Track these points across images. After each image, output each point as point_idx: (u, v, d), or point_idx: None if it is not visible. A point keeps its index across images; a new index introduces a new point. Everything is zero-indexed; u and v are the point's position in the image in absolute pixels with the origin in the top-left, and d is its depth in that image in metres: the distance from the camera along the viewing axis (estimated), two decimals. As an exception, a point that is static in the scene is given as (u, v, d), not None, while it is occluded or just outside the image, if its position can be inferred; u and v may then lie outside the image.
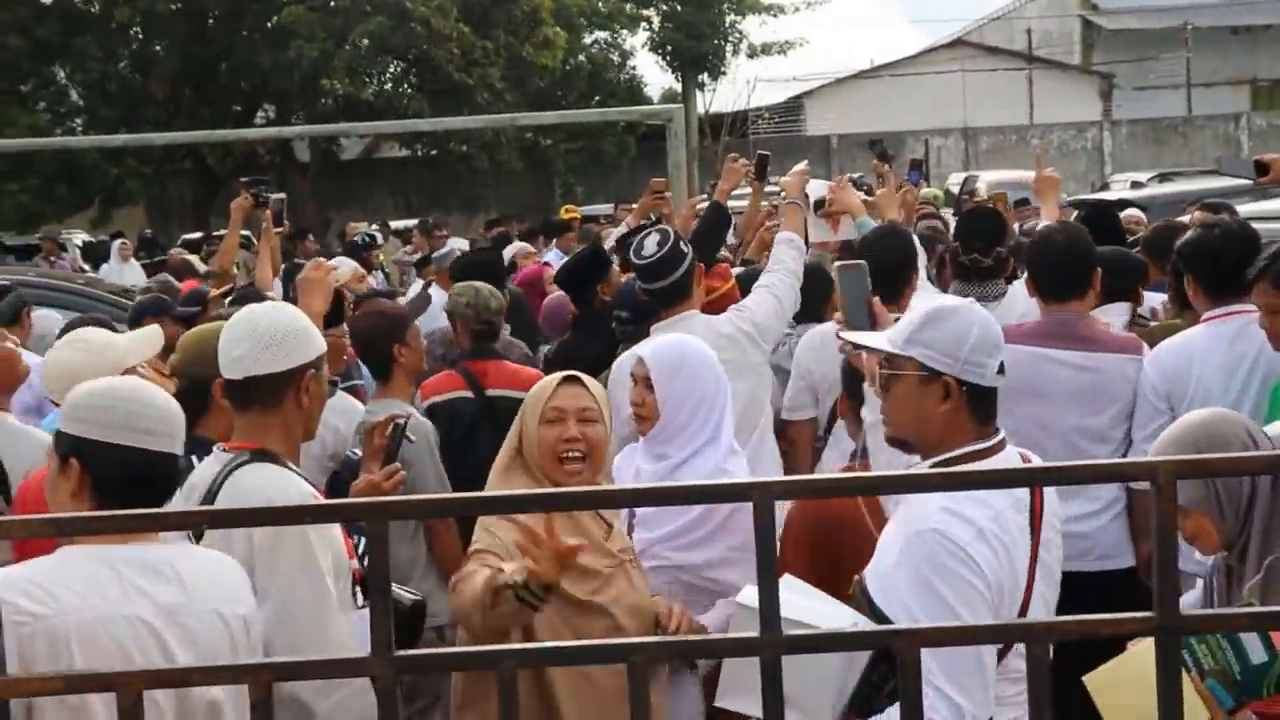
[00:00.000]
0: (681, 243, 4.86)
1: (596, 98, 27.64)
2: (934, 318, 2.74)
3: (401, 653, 1.73)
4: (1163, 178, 16.91)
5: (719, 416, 3.68)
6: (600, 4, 29.02)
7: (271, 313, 3.15)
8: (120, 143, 21.04)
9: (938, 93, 34.23)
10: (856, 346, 3.18)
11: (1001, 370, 2.76)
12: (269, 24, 24.23)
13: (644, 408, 3.64)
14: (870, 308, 3.24)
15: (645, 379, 3.64)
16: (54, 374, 4.07)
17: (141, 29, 25.60)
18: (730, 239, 7.39)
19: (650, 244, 4.82)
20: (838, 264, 3.61)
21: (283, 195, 7.77)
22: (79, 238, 22.20)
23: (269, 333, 3.00)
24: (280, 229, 7.47)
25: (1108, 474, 3.00)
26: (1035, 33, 38.76)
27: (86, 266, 18.72)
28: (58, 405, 3.75)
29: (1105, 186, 21.56)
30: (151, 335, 4.51)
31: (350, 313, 5.18)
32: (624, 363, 4.34)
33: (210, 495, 2.96)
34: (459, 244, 13.19)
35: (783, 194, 5.86)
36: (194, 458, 3.25)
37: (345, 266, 7.49)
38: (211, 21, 25.30)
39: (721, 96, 41.49)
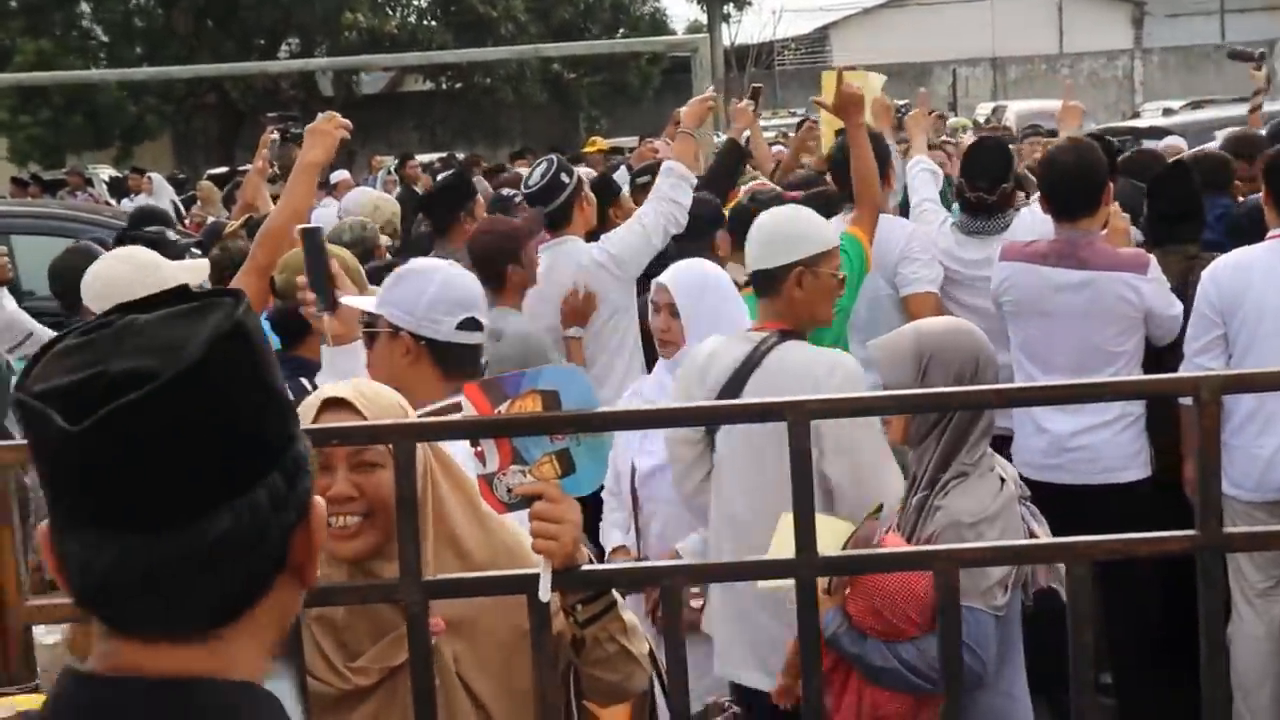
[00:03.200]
0: (563, 173, 5.29)
1: (620, 30, 27.38)
2: (398, 277, 2.87)
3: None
4: (1194, 105, 16.70)
5: None
6: (625, -66, 28.70)
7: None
8: (143, 76, 20.98)
9: (966, 22, 33.75)
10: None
11: (472, 326, 2.81)
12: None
13: (669, 333, 3.66)
14: (328, 271, 2.98)
15: (670, 305, 3.65)
16: (98, 285, 4.02)
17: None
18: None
19: (536, 173, 5.35)
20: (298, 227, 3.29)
21: (276, 137, 7.69)
22: (105, 173, 22.20)
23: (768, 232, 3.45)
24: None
25: (1150, 389, 2.94)
26: (1067, -40, 38.14)
27: (112, 201, 18.77)
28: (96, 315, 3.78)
29: (1136, 115, 21.31)
30: (199, 267, 4.50)
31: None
32: None
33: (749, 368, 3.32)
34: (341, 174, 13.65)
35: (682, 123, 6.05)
36: (301, 379, 3.39)
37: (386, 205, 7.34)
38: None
39: (747, 28, 41.12)
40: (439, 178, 8.59)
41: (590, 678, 2.20)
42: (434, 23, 25.52)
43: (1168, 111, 15.74)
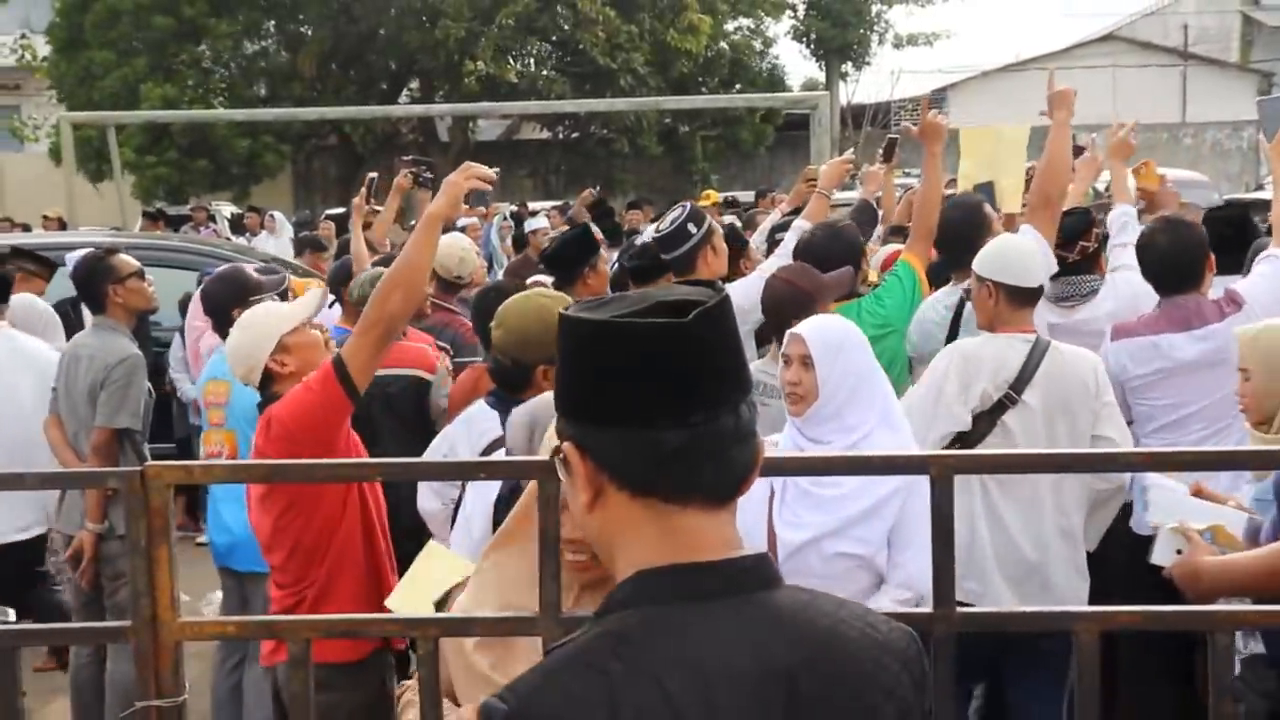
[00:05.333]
0: (691, 223, 5.44)
1: (737, 85, 27.48)
2: None
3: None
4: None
5: (884, 400, 3.58)
6: (745, -11, 28.84)
7: None
8: (268, 117, 21.53)
9: (1087, 88, 33.27)
10: None
11: None
12: (418, 3, 24.44)
13: (800, 386, 3.55)
14: None
15: (803, 357, 3.56)
16: (229, 359, 4.15)
17: (290, 8, 26.00)
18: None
19: (668, 219, 5.57)
20: None
21: (374, 175, 7.78)
22: (228, 210, 22.74)
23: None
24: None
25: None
26: (1193, 29, 37.60)
27: (232, 236, 19.21)
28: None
29: (1260, 187, 20.92)
30: (309, 300, 4.57)
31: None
32: None
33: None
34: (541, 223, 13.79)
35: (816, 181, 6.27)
36: None
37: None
38: (358, 0, 25.59)
39: (864, 87, 41.13)
40: (558, 233, 8.66)
41: None
42: (553, 73, 25.79)
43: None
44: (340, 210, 22.42)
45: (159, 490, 2.41)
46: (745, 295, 5.25)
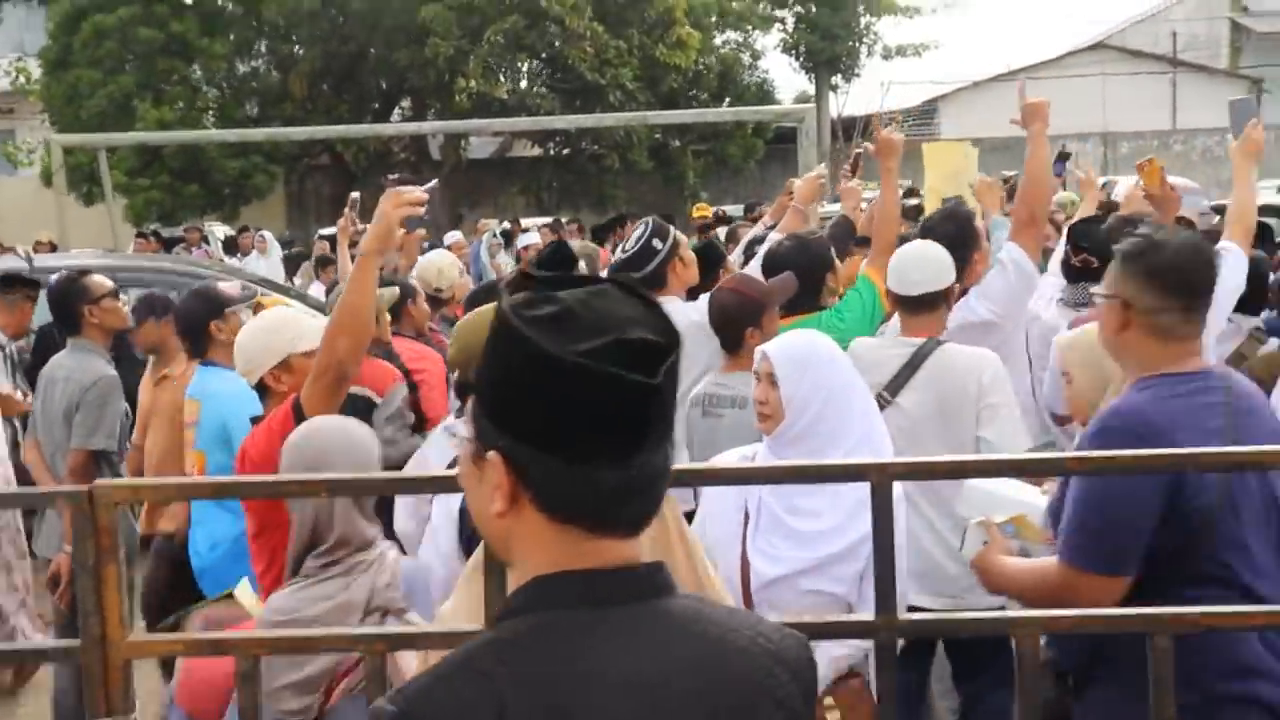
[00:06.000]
0: (656, 238, 5.50)
1: (727, 99, 27.53)
2: None
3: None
4: (1306, 184, 16.43)
5: (863, 419, 3.55)
6: (734, 3, 28.89)
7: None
8: (261, 136, 21.58)
9: (1077, 97, 33.43)
10: None
11: None
12: (407, 22, 24.52)
13: (767, 405, 3.53)
14: None
15: (769, 375, 3.53)
16: (238, 349, 4.14)
17: (281, 28, 26.07)
18: None
19: (632, 239, 5.60)
20: None
21: (356, 195, 7.76)
22: (221, 231, 22.79)
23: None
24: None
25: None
26: (1182, 36, 37.67)
27: (225, 257, 19.27)
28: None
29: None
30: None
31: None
32: None
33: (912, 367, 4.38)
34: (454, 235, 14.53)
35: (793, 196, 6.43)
36: None
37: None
38: (350, 19, 25.65)
39: (854, 99, 41.20)
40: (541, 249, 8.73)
41: None
42: (543, 89, 25.85)
43: (1283, 190, 15.50)
44: (333, 230, 22.45)
45: (106, 509, 2.43)
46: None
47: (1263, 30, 37.05)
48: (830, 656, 3.28)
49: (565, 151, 27.55)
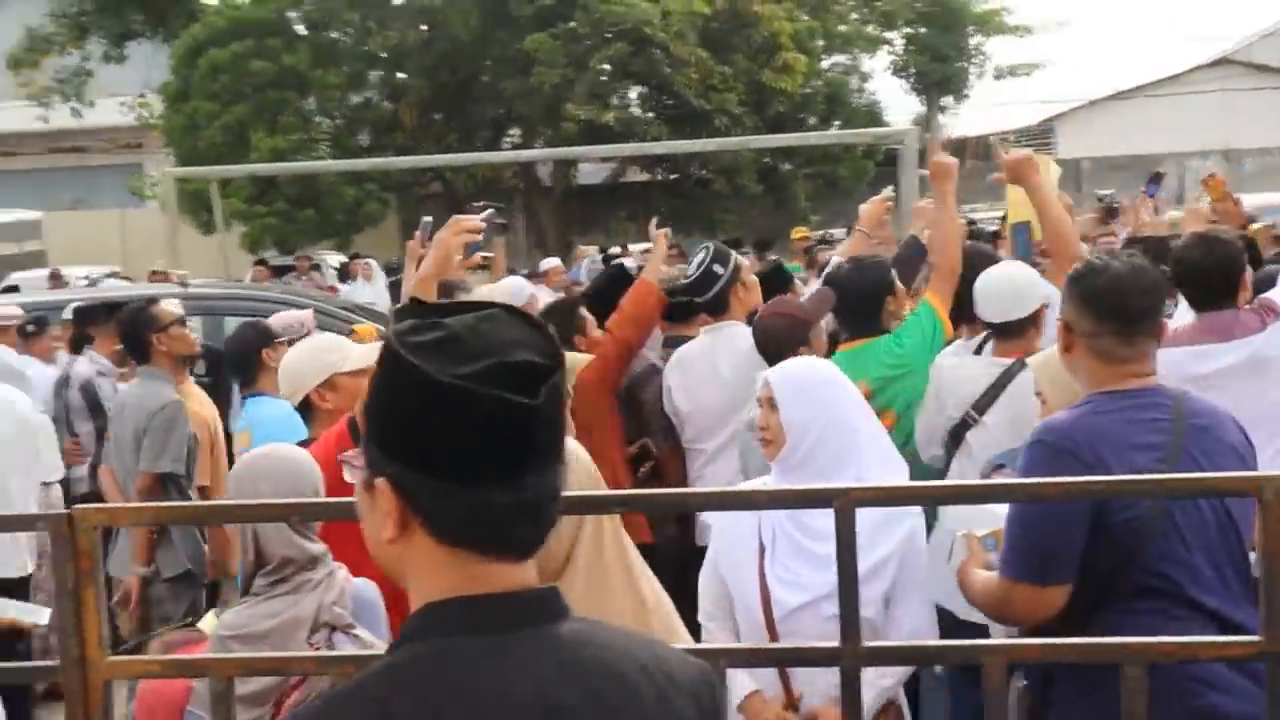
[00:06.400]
0: (716, 264, 5.64)
1: (835, 122, 27.40)
2: None
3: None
4: None
5: (872, 442, 3.52)
6: (841, 27, 28.76)
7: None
8: (367, 166, 22.01)
9: (1199, 113, 32.69)
10: None
11: None
12: (514, 52, 24.84)
13: (768, 430, 3.53)
14: None
15: (770, 400, 3.53)
16: (282, 371, 4.24)
17: (392, 59, 26.57)
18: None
19: (693, 264, 5.74)
20: None
21: (429, 219, 7.87)
22: (335, 259, 23.26)
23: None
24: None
25: (1208, 488, 2.76)
26: (1308, 49, 36.66)
27: (338, 285, 19.67)
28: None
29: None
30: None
31: None
32: None
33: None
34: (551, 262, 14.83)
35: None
36: None
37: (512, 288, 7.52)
38: (457, 49, 26.05)
39: (966, 120, 40.80)
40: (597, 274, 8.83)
41: None
42: (649, 115, 25.97)
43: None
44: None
45: (86, 532, 2.50)
46: None
47: (1395, 41, 35.86)
48: (879, 687, 3.26)
49: (673, 177, 27.62)
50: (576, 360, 5.57)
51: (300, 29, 26.64)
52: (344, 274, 20.81)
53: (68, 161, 36.50)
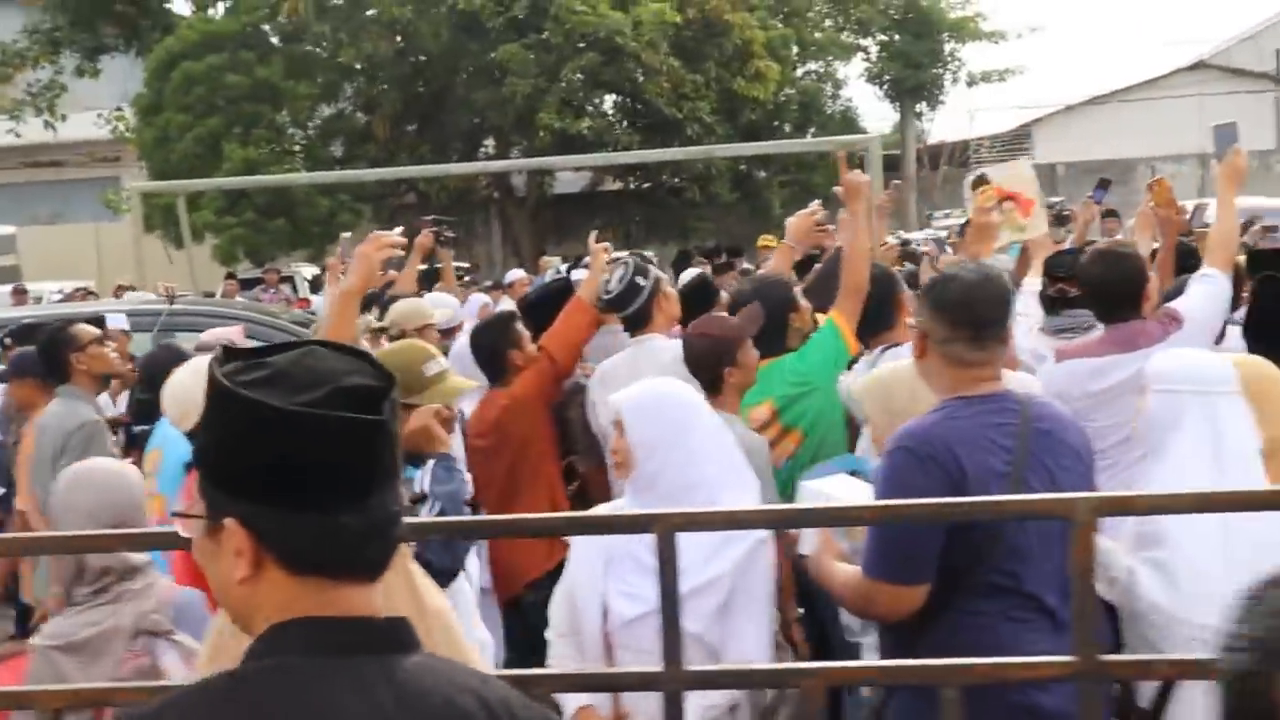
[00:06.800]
0: (639, 276, 5.57)
1: (811, 129, 27.43)
2: None
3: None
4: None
5: (721, 462, 3.52)
6: (816, 34, 28.81)
7: None
8: (334, 179, 22.02)
9: (1175, 118, 32.76)
10: None
11: None
12: (486, 62, 24.85)
13: (619, 454, 3.52)
14: None
15: (619, 423, 3.52)
16: (168, 396, 4.25)
17: (364, 70, 26.57)
18: None
19: (614, 278, 5.62)
20: None
21: (348, 235, 7.85)
22: (308, 271, 23.21)
23: None
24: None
25: (1025, 510, 2.79)
26: (1285, 53, 36.76)
27: (311, 297, 19.62)
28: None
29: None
30: None
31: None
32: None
33: None
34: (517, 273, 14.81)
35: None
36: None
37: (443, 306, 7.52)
38: (430, 61, 26.08)
39: (942, 126, 40.91)
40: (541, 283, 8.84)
41: None
42: (622, 124, 26.01)
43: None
44: (421, 267, 22.85)
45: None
46: None
47: (1370, 46, 35.98)
48: (703, 707, 3.24)
49: (647, 185, 27.65)
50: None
51: (274, 40, 26.66)
52: (315, 285, 20.78)
53: (44, 176, 36.41)
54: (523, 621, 5.33)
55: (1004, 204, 6.46)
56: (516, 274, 16.01)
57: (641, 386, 3.66)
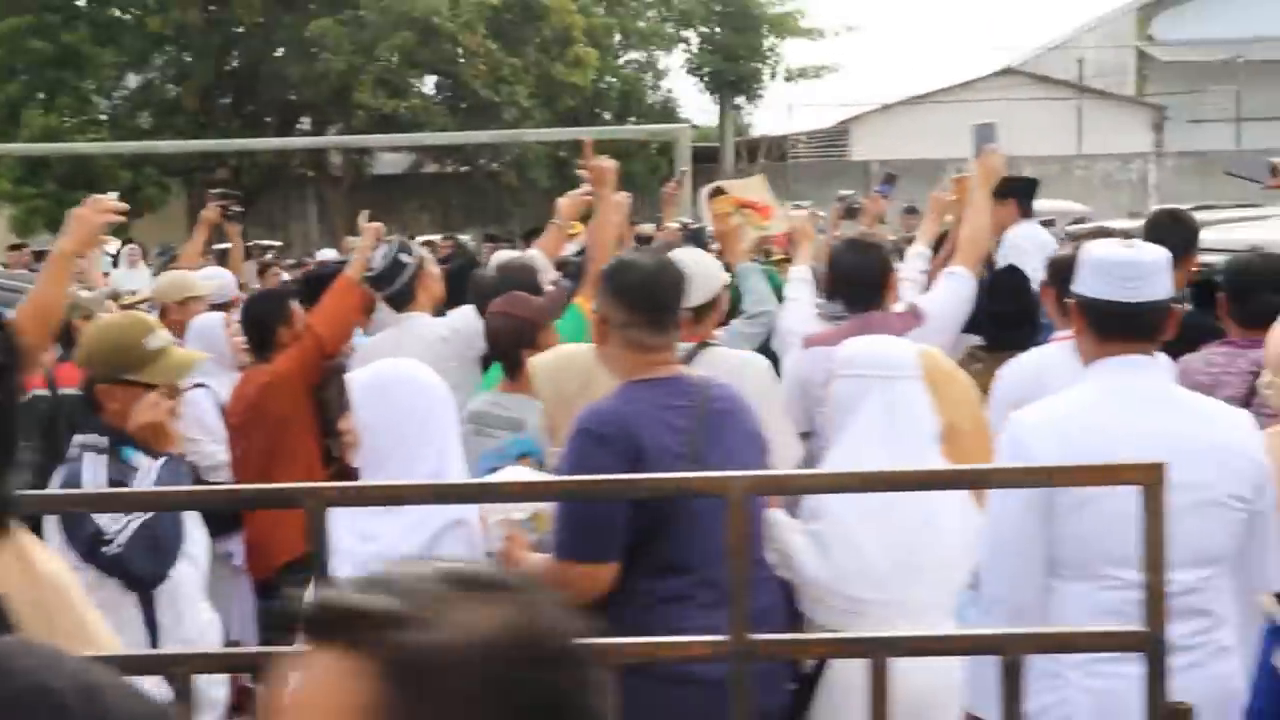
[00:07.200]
0: (403, 254, 5.63)
1: (631, 118, 27.53)
2: None
3: None
4: (1200, 210, 16.72)
5: (449, 443, 3.42)
6: (639, 23, 28.91)
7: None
8: (141, 148, 21.41)
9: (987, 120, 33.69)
10: None
11: None
12: (300, 36, 24.36)
13: (349, 434, 3.42)
14: None
15: (351, 403, 3.41)
16: None
17: (174, 39, 25.81)
18: None
19: (378, 256, 5.65)
20: None
21: None
22: (111, 245, 22.44)
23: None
24: None
25: (683, 488, 2.83)
26: (1091, 63, 38.13)
27: (112, 273, 19.01)
28: None
29: (1142, 217, 21.18)
30: None
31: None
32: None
33: None
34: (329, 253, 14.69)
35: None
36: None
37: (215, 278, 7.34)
38: (243, 33, 25.49)
39: (767, 120, 41.51)
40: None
41: None
42: (438, 106, 25.74)
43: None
44: (227, 246, 22.30)
45: None
46: (471, 323, 5.33)
47: (1167, 59, 37.59)
48: None
49: (464, 169, 27.45)
50: None
51: (80, 3, 25.74)
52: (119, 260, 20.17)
53: None
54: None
55: (742, 210, 6.63)
56: (328, 253, 15.80)
57: (375, 366, 3.58)
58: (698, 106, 33.99)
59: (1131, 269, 3.05)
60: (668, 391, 3.24)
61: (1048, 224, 12.09)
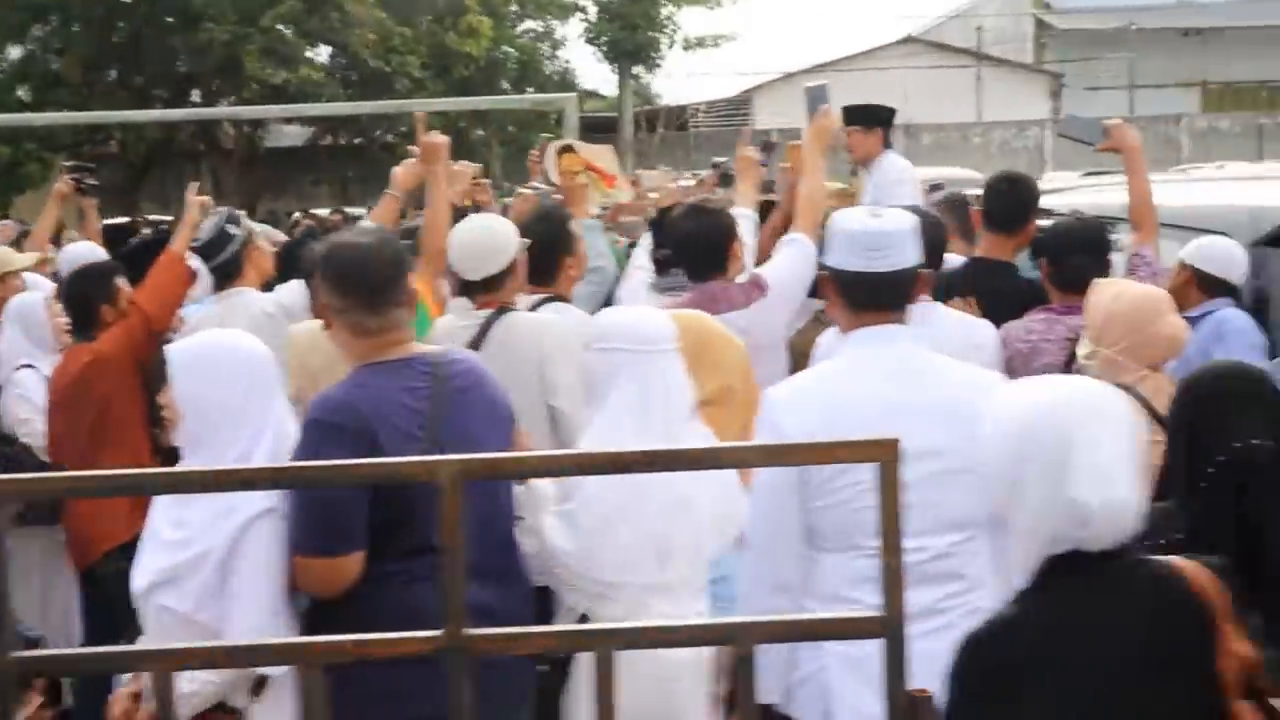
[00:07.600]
0: (230, 225, 5.54)
1: (529, 88, 27.25)
2: None
3: None
4: (1089, 176, 16.83)
5: (267, 421, 3.19)
6: (534, -9, 28.65)
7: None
8: (17, 121, 20.81)
9: (885, 89, 33.84)
10: None
11: None
12: (183, 5, 23.75)
13: (168, 409, 3.22)
14: None
15: (170, 376, 3.22)
16: None
17: (56, 8, 25.06)
18: None
19: (207, 227, 5.53)
20: None
21: None
22: (-6, 221, 21.86)
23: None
24: None
25: (381, 475, 2.64)
26: (991, 31, 38.42)
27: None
28: None
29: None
30: None
31: None
32: None
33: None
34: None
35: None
36: None
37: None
38: (127, 3, 24.82)
39: (668, 89, 41.38)
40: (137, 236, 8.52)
41: None
42: (328, 76, 25.26)
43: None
44: (124, 220, 21.73)
45: None
46: (299, 298, 5.19)
47: (1065, 27, 37.98)
48: (179, 694, 2.96)
49: (358, 141, 27.03)
50: None
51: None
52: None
53: None
54: (101, 591, 5.07)
55: (589, 172, 6.52)
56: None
57: (197, 338, 3.41)
58: (601, 77, 33.79)
59: (877, 239, 3.02)
60: (402, 373, 3.14)
61: (936, 188, 12.11)
